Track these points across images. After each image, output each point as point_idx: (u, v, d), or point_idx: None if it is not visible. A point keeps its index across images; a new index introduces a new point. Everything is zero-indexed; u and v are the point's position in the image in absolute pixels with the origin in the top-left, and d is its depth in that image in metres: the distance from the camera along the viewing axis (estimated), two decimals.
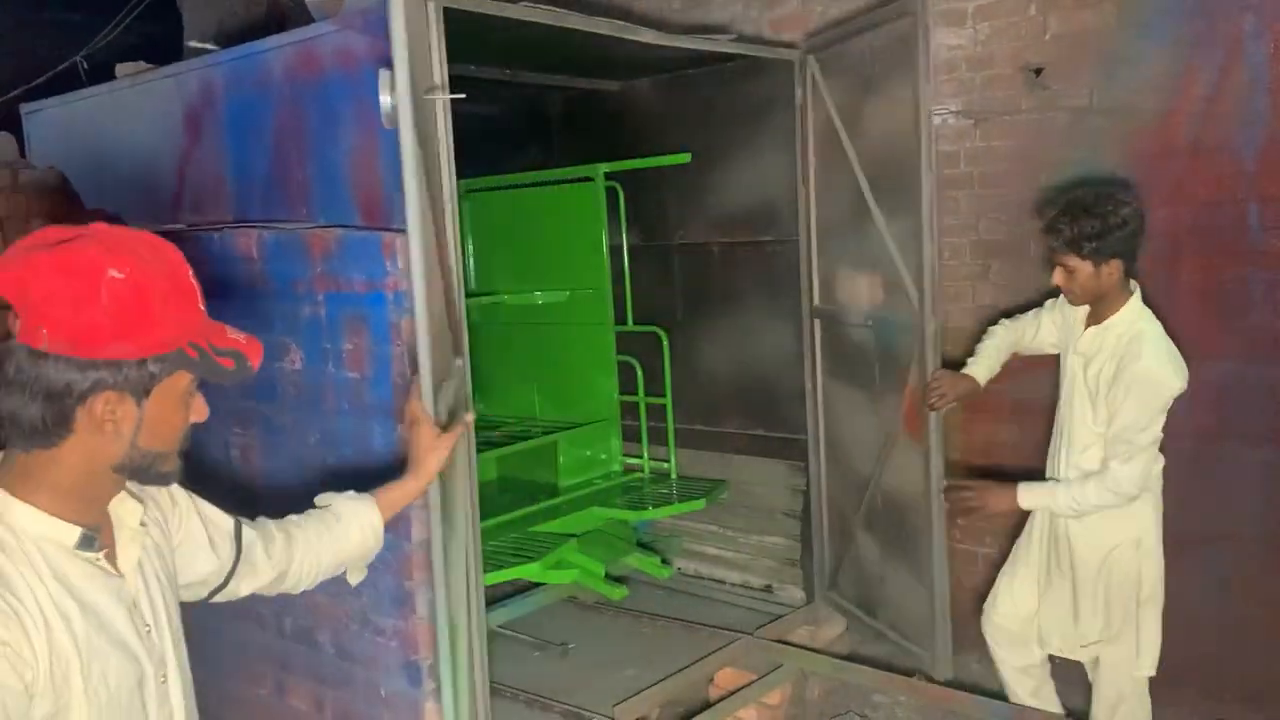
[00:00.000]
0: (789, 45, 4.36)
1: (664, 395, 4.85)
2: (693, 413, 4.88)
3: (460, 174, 2.79)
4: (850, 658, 4.23)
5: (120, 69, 4.02)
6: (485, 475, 4.82)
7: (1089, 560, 3.31)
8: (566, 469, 4.93)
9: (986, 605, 3.63)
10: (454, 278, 2.68)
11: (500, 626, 4.25)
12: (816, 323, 4.28)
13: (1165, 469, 3.37)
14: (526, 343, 5.31)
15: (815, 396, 4.32)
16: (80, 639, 1.38)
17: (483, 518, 4.13)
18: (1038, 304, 3.66)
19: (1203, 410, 3.70)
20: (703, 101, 4.64)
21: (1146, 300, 3.34)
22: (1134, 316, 3.23)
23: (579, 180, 4.97)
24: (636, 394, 4.96)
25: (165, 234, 1.51)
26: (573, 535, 4.26)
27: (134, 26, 5.71)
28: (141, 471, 1.47)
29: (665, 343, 4.80)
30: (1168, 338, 3.23)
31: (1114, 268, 3.17)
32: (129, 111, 3.74)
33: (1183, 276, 3.88)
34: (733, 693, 3.87)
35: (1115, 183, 3.60)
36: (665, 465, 4.96)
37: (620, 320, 4.99)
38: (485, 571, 3.41)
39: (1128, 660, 3.32)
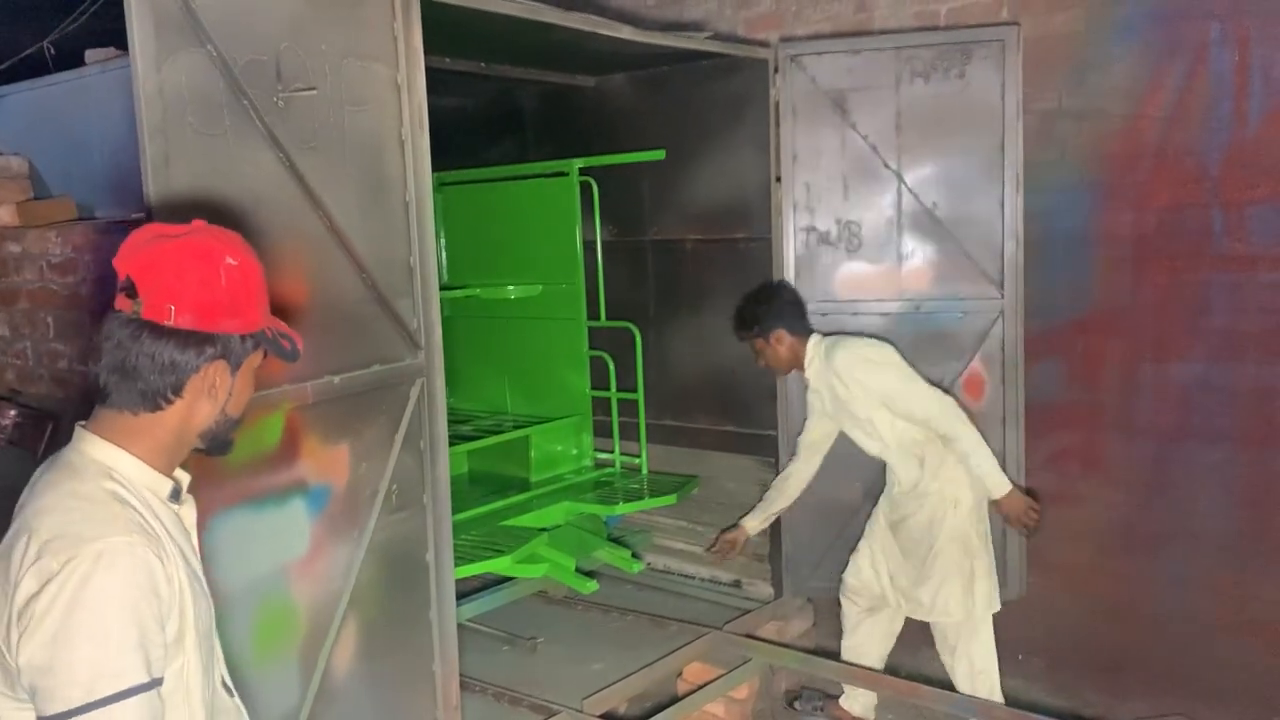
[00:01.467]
0: (763, 44, 4.38)
1: (636, 390, 4.84)
2: (664, 408, 4.91)
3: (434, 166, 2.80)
4: (817, 652, 4.27)
5: (90, 55, 3.98)
6: (456, 469, 4.80)
7: (923, 528, 3.75)
8: (538, 464, 4.91)
9: (846, 574, 4.03)
10: None
11: (469, 620, 4.25)
12: None
13: (1129, 468, 3.43)
14: (499, 336, 5.30)
15: (785, 392, 4.34)
16: (185, 578, 1.56)
17: (454, 512, 4.15)
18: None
19: (1166, 410, 3.76)
20: (677, 98, 4.66)
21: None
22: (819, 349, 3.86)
23: (554, 175, 4.93)
24: (608, 389, 4.95)
25: (132, 223, 1.62)
26: (543, 530, 4.25)
27: (104, 12, 5.64)
28: (217, 437, 1.68)
29: (638, 338, 4.79)
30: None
31: (779, 335, 3.84)
32: (99, 99, 3.71)
33: (1147, 279, 3.94)
34: (701, 687, 3.89)
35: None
36: (637, 460, 4.95)
37: (593, 315, 4.97)
38: (456, 566, 3.39)
39: (962, 606, 3.70)
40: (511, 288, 5.03)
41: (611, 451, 5.05)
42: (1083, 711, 4.08)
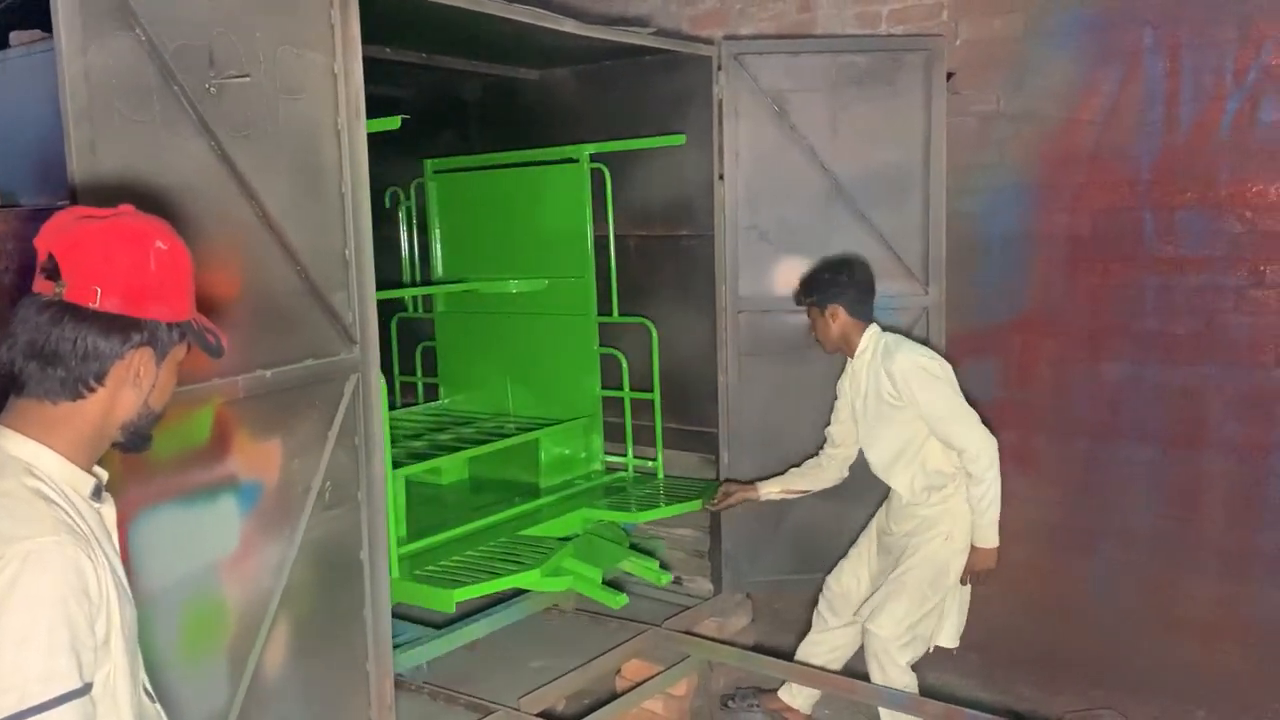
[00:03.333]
0: (707, 42, 4.38)
1: (651, 390, 4.57)
2: (605, 404, 4.88)
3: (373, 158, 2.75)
4: (756, 648, 4.29)
5: (15, 37, 3.85)
6: (456, 475, 4.63)
7: (904, 544, 3.70)
8: (548, 468, 4.58)
9: (829, 576, 3.98)
10: None
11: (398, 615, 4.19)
12: (740, 316, 4.32)
13: (1061, 466, 3.49)
14: (500, 333, 4.94)
15: (726, 390, 4.36)
16: (111, 580, 1.50)
17: (460, 521, 3.97)
18: None
19: (1097, 410, 3.83)
20: (621, 93, 4.63)
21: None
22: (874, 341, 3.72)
23: (561, 162, 4.64)
24: (618, 389, 4.65)
25: (57, 210, 1.59)
26: (563, 539, 3.97)
27: None
28: (138, 431, 1.61)
29: (654, 335, 4.51)
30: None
31: (835, 311, 3.71)
32: (23, 83, 3.59)
33: (1081, 281, 4.01)
34: (639, 684, 3.89)
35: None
36: (647, 464, 4.69)
37: (604, 310, 4.66)
38: (479, 582, 3.35)
39: (895, 626, 3.65)
40: (514, 282, 4.71)
41: (618, 455, 4.75)
42: (1015, 706, 4.14)
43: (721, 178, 4.28)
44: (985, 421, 3.53)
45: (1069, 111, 3.99)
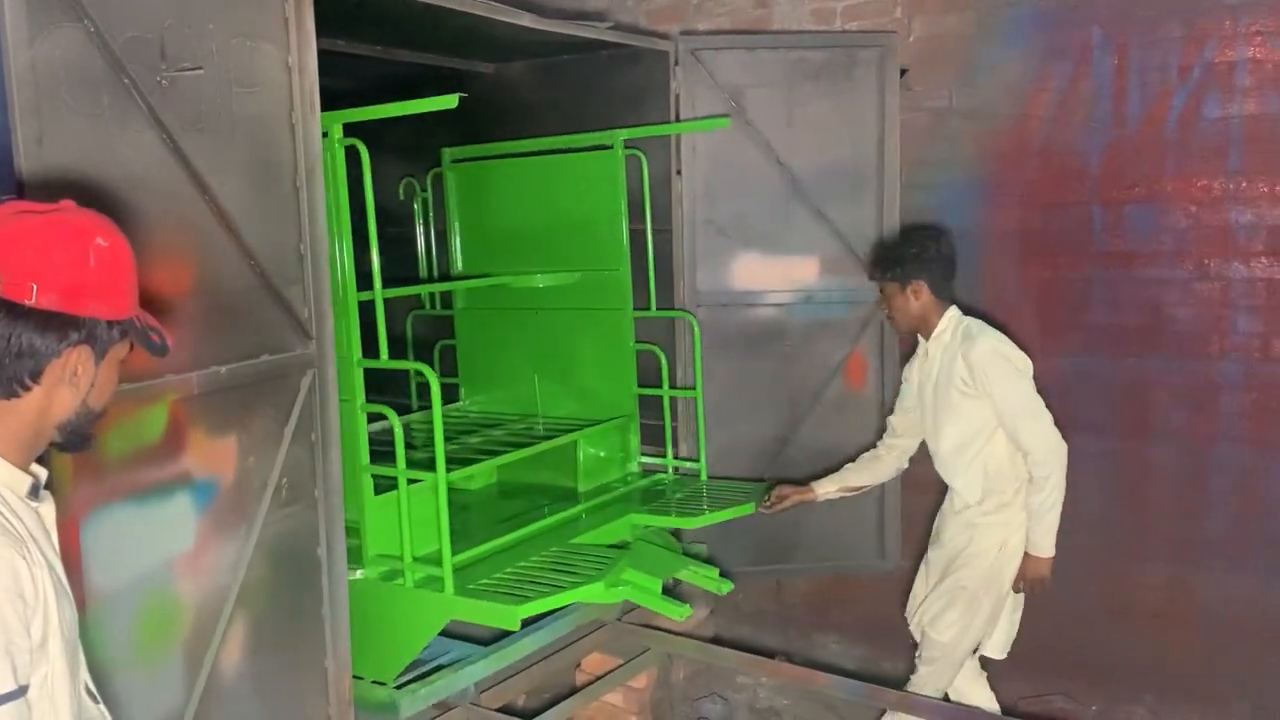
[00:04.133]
0: (664, 36, 4.39)
1: (693, 388, 4.37)
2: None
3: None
4: (715, 641, 4.31)
5: None
6: (484, 480, 4.38)
7: (959, 551, 3.56)
8: (586, 471, 4.33)
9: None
10: None
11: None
12: (699, 310, 4.34)
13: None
14: (527, 330, 4.67)
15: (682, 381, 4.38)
16: (49, 581, 1.49)
17: (497, 527, 3.73)
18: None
19: (1048, 402, 3.88)
20: (578, 88, 4.63)
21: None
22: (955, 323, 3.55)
23: (593, 149, 4.40)
24: (655, 387, 4.42)
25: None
26: (613, 547, 3.73)
27: None
28: (76, 431, 1.59)
29: (696, 329, 4.32)
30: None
31: (918, 288, 3.53)
32: None
33: (1031, 274, 4.08)
34: (599, 677, 3.90)
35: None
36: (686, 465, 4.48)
37: (640, 305, 4.44)
38: (539, 597, 3.12)
39: (955, 630, 3.56)
40: (539, 276, 4.44)
41: (652, 456, 4.53)
42: None
43: (679, 173, 4.30)
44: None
45: (1020, 108, 4.05)
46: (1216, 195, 3.78)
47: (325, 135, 3.01)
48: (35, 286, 1.47)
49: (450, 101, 2.95)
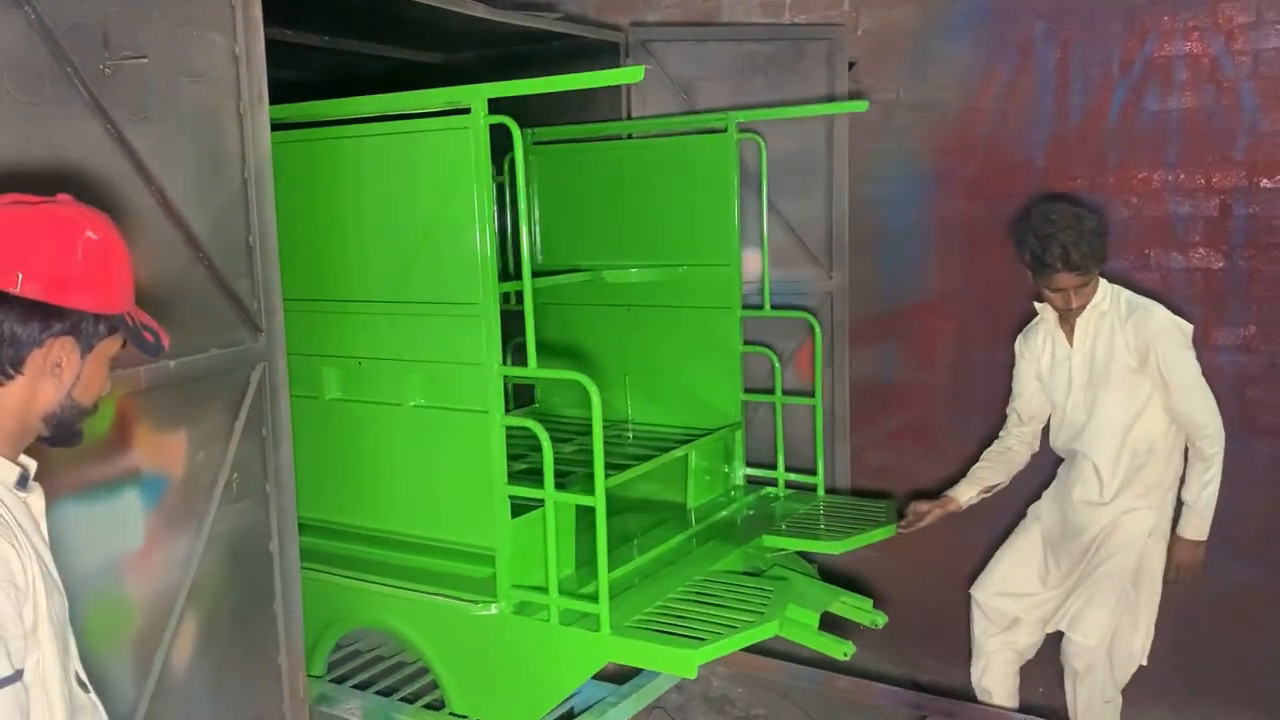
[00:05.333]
0: (614, 28, 4.39)
1: (812, 395, 4.08)
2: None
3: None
4: None
5: None
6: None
7: (1103, 543, 3.37)
8: (697, 486, 3.99)
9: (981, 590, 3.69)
10: None
11: None
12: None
13: (962, 445, 3.59)
14: (613, 328, 4.31)
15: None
16: (38, 569, 1.50)
17: (612, 553, 3.17)
18: None
19: (995, 390, 3.96)
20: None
21: None
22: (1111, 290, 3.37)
23: (702, 131, 4.11)
24: (772, 393, 4.15)
25: None
26: (747, 573, 3.46)
27: None
28: (63, 425, 1.60)
29: (818, 331, 4.05)
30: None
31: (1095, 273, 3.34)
32: None
33: (978, 265, 4.14)
34: None
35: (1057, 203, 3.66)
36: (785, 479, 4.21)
37: (753, 302, 4.17)
38: (716, 635, 2.86)
39: (1102, 631, 3.35)
40: (634, 270, 4.07)
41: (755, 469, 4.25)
42: (920, 678, 4.27)
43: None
44: (886, 399, 3.63)
45: (966, 100, 4.11)
46: (1156, 187, 3.87)
47: (468, 111, 2.94)
48: (20, 275, 1.48)
49: (636, 74, 2.76)
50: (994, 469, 3.70)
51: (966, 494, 3.72)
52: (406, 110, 3.10)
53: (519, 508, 3.12)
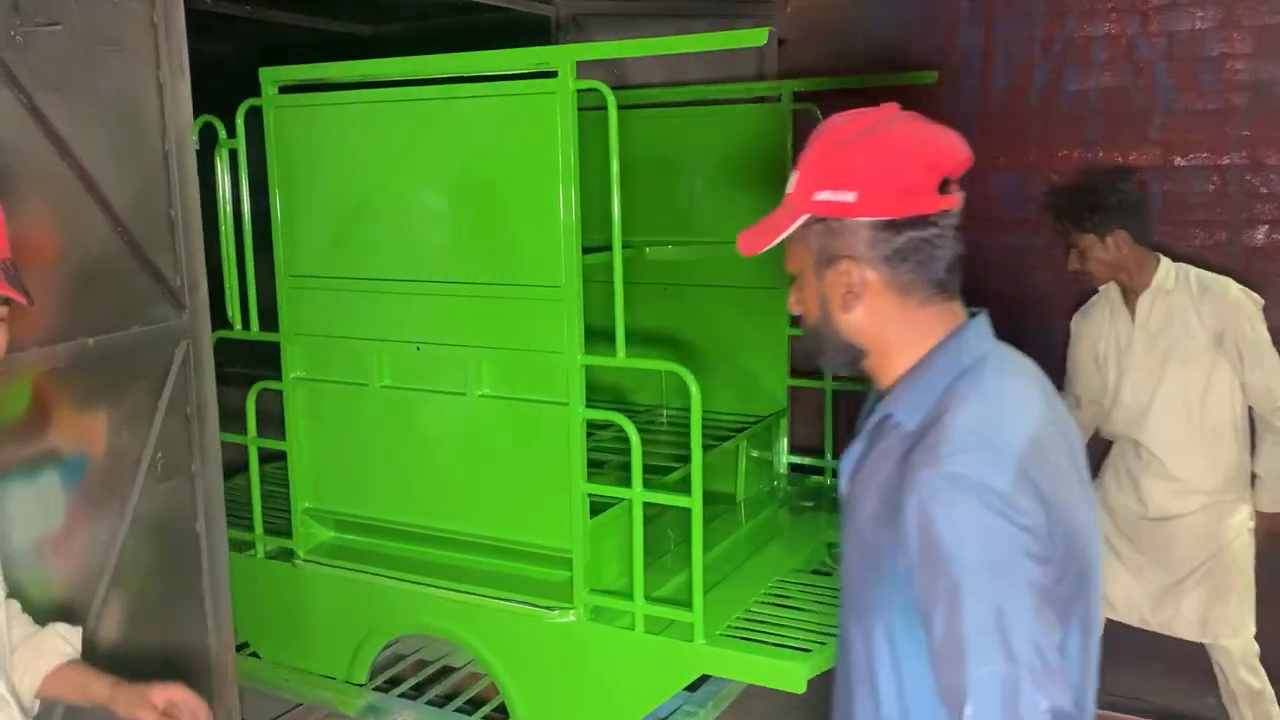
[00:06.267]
0: (546, 1, 4.36)
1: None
2: None
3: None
4: None
5: None
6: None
7: (1203, 532, 3.20)
8: (747, 477, 3.73)
9: None
10: None
11: None
12: None
13: None
14: (649, 308, 4.00)
15: None
16: None
17: (663, 546, 3.12)
18: None
19: None
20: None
21: None
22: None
23: (753, 100, 3.84)
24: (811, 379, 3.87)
25: None
26: (814, 571, 3.26)
27: None
28: None
29: None
30: None
31: (1120, 238, 3.16)
32: None
33: None
34: None
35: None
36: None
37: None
38: (820, 643, 2.62)
39: (1240, 627, 3.20)
40: (670, 247, 3.76)
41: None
42: None
43: None
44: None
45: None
46: (1076, 164, 3.97)
47: (555, 75, 2.62)
48: None
49: (760, 36, 2.50)
50: None
51: None
52: (472, 72, 2.80)
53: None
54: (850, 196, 1.33)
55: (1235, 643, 3.17)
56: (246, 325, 3.28)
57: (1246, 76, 3.73)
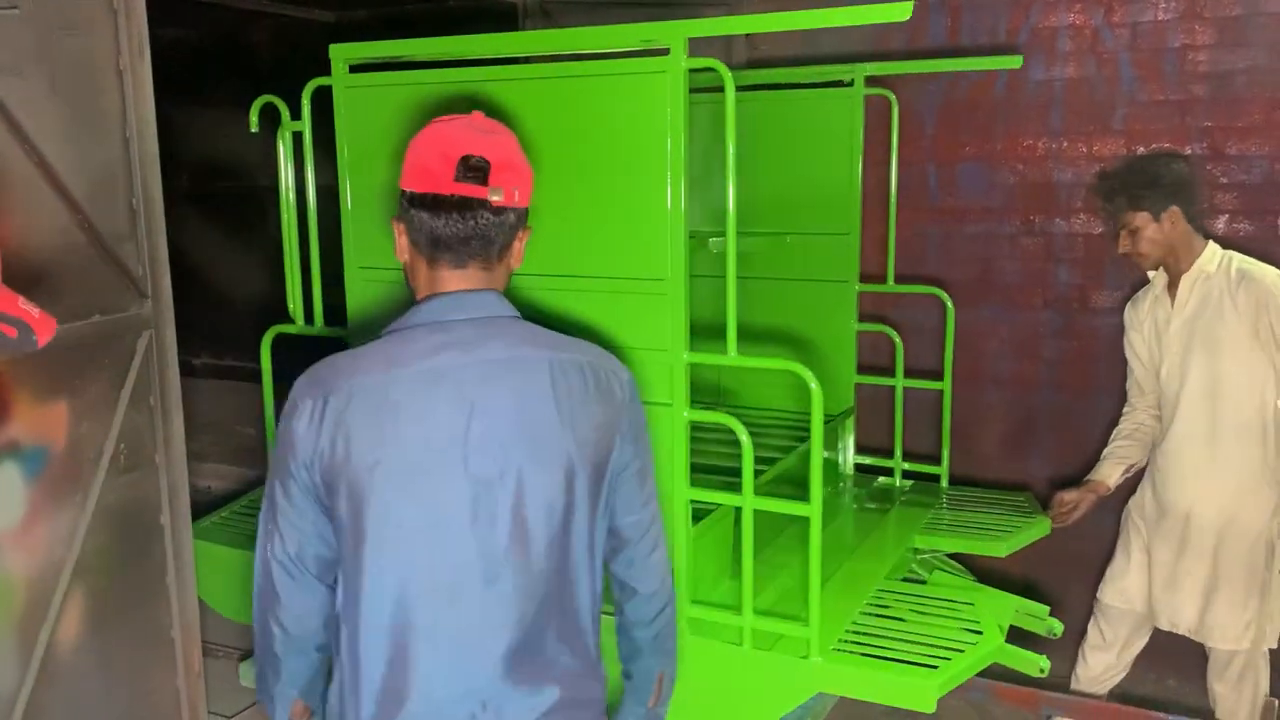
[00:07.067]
0: None
1: (941, 380, 3.75)
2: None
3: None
4: None
5: None
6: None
7: (1225, 534, 3.16)
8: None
9: (1104, 595, 3.45)
10: None
11: None
12: None
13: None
14: (711, 303, 3.63)
15: None
16: None
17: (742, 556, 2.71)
18: None
19: (887, 349, 4.06)
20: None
21: None
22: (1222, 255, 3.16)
23: (822, 85, 3.71)
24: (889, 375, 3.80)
25: None
26: (907, 579, 3.13)
27: None
28: None
29: (950, 309, 3.71)
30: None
31: (1174, 215, 3.13)
32: None
33: (871, 231, 4.21)
34: None
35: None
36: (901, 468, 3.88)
37: (873, 276, 3.84)
38: (947, 658, 2.48)
39: (1253, 631, 3.16)
40: (714, 239, 3.46)
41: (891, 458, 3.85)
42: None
43: None
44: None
45: None
46: (1040, 154, 4.00)
47: (665, 52, 2.43)
48: None
49: (905, 10, 2.40)
50: (1134, 447, 3.40)
51: (1113, 475, 3.42)
52: (567, 50, 2.65)
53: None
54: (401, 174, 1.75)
55: (1228, 649, 3.13)
56: (309, 320, 3.06)
57: (1208, 68, 3.78)
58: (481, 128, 1.76)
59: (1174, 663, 3.75)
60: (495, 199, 1.67)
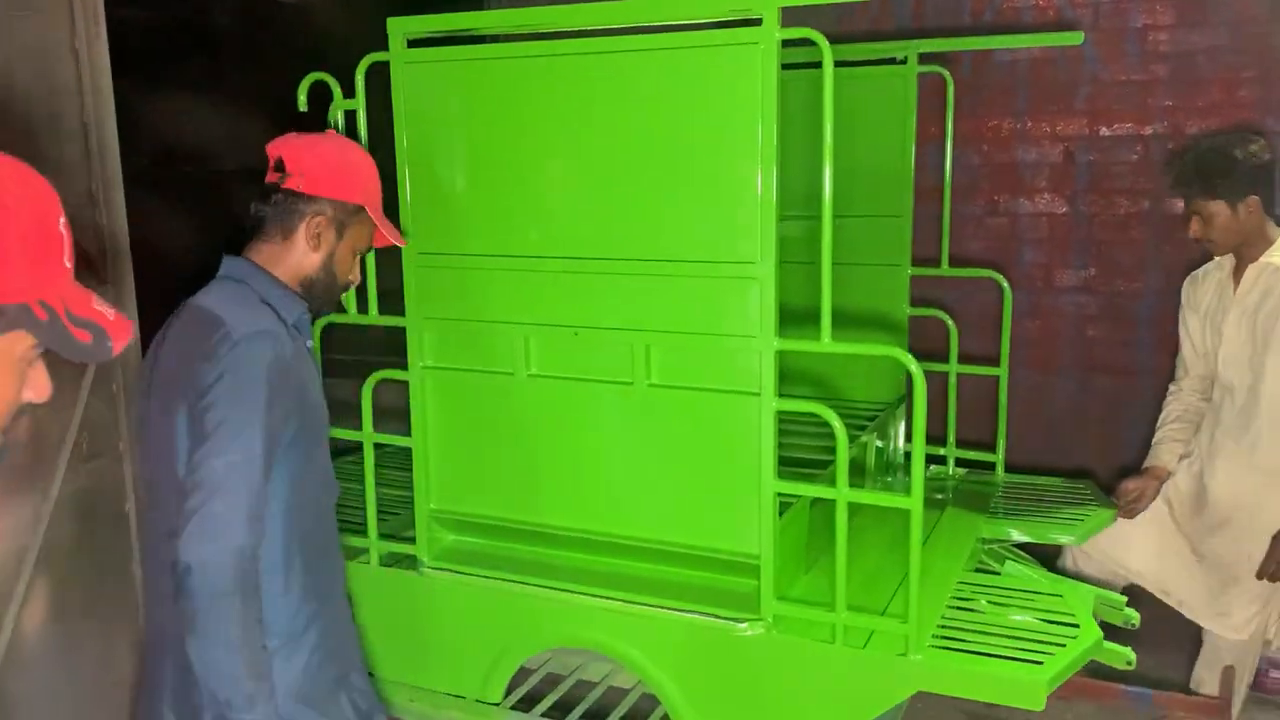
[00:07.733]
0: None
1: (999, 364, 3.65)
2: None
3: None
4: None
5: None
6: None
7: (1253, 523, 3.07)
8: (875, 466, 3.46)
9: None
10: None
11: None
12: None
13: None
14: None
15: None
16: None
17: (810, 549, 2.79)
18: None
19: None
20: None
21: None
22: None
23: (875, 63, 3.58)
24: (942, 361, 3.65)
25: None
26: (979, 570, 3.03)
27: None
28: None
29: (1008, 294, 3.63)
30: None
31: (1252, 204, 2.98)
32: None
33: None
34: None
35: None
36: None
37: (926, 259, 3.70)
38: (1051, 652, 2.38)
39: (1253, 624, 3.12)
40: (785, 221, 3.20)
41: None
42: None
43: None
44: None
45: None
46: (1005, 135, 4.02)
47: (757, 23, 2.26)
48: None
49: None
50: (1186, 428, 3.30)
51: (1171, 459, 3.31)
52: (645, 21, 2.44)
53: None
54: None
55: (1243, 638, 3.08)
56: (363, 309, 2.87)
57: (1169, 48, 3.81)
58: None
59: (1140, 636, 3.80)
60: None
